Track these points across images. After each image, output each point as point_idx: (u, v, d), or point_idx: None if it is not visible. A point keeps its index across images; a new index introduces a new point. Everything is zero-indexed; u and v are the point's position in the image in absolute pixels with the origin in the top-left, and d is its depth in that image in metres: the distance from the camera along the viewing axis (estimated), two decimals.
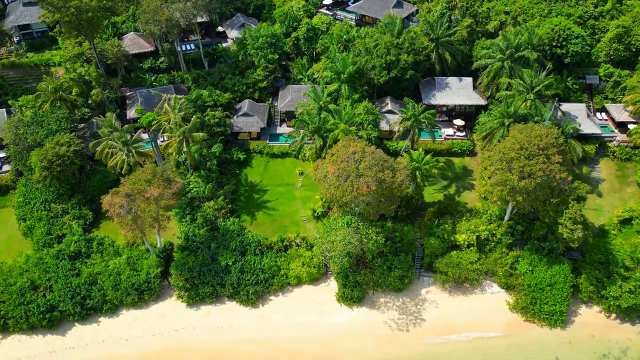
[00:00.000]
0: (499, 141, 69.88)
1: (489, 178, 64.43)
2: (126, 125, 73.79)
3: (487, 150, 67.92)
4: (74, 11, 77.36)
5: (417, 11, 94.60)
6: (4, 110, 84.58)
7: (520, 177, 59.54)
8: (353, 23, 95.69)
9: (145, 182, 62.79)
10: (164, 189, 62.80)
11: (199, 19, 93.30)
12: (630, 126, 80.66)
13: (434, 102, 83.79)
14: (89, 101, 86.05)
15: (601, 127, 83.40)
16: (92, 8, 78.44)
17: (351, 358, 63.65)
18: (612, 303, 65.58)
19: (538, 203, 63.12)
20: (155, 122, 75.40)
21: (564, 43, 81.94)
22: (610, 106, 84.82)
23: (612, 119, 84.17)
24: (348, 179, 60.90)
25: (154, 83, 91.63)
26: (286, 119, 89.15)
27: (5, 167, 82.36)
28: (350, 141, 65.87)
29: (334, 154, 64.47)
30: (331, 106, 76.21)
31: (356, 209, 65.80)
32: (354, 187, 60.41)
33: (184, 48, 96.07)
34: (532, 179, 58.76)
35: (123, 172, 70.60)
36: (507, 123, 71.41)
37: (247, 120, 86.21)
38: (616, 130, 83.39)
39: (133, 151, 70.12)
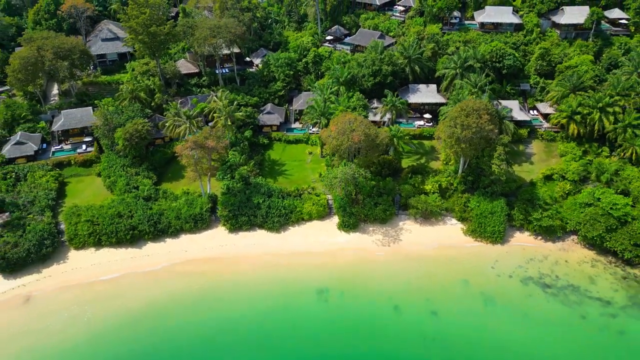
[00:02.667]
0: None
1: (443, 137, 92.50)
2: (186, 109, 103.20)
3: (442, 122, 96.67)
4: (150, 36, 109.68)
5: (395, 42, 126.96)
6: (90, 107, 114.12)
7: (462, 129, 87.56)
8: (348, 51, 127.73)
9: (204, 138, 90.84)
10: (217, 143, 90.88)
11: (235, 50, 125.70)
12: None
13: (409, 101, 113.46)
14: (152, 104, 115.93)
15: (533, 119, 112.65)
16: (163, 33, 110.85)
17: (347, 261, 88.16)
18: (535, 224, 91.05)
19: (477, 151, 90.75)
20: (206, 109, 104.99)
21: (501, 59, 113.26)
22: (539, 104, 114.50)
23: (541, 113, 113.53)
24: (345, 134, 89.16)
25: (198, 93, 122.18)
26: (299, 117, 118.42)
27: (89, 149, 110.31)
28: (347, 113, 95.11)
29: (335, 121, 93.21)
30: (332, 97, 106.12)
31: (354, 161, 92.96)
32: (349, 138, 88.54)
33: (222, 71, 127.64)
34: (469, 130, 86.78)
35: (184, 136, 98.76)
36: None
37: (270, 116, 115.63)
38: (543, 121, 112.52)
39: (194, 122, 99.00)
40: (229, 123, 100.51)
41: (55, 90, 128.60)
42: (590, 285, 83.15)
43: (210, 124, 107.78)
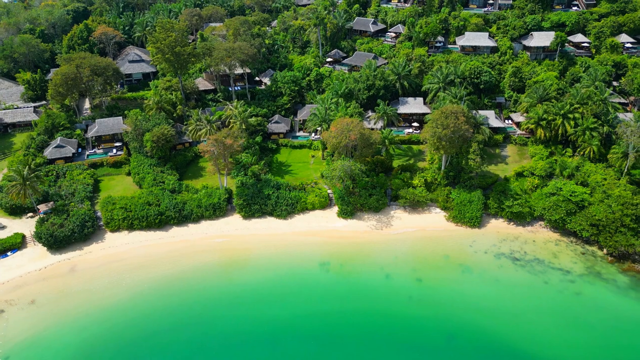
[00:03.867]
0: None
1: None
2: (206, 114, 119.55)
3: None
4: (175, 55, 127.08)
5: (387, 62, 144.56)
6: (120, 117, 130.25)
7: (442, 128, 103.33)
8: (346, 71, 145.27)
9: (223, 137, 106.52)
10: (234, 141, 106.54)
11: (247, 70, 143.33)
12: None
13: (399, 111, 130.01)
14: (174, 114, 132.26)
15: (508, 127, 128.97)
16: (186, 53, 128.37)
17: (344, 242, 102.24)
18: (507, 211, 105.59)
19: (456, 147, 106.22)
20: (224, 116, 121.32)
21: (478, 75, 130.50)
22: (512, 115, 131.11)
23: (514, 122, 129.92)
24: (343, 133, 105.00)
25: (214, 106, 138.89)
26: (303, 126, 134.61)
27: (118, 152, 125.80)
28: (345, 118, 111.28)
29: (335, 124, 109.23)
30: (332, 107, 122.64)
31: (349, 160, 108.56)
32: (347, 137, 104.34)
33: (234, 88, 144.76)
34: (448, 129, 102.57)
35: (205, 139, 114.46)
36: None
37: (277, 125, 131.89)
38: (517, 128, 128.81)
39: (214, 126, 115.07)
40: (243, 127, 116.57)
41: (86, 105, 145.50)
42: (554, 258, 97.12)
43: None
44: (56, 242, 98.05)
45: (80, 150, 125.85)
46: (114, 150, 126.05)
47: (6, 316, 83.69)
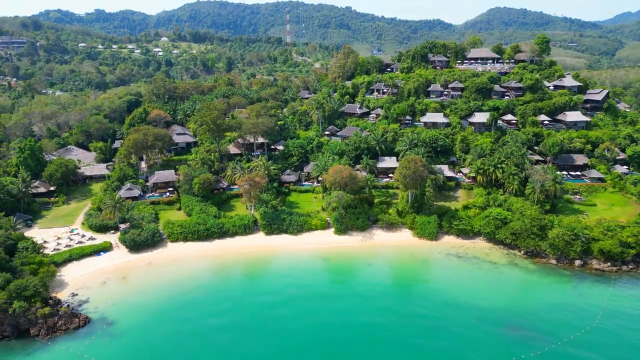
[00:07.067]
0: None
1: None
2: (239, 164, 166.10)
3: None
4: (216, 126, 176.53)
5: (370, 134, 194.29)
6: (172, 170, 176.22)
7: (405, 170, 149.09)
8: (339, 140, 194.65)
9: (253, 176, 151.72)
10: (261, 179, 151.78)
11: (266, 141, 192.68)
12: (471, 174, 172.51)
13: (379, 166, 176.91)
14: (212, 169, 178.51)
15: (459, 178, 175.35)
16: (225, 125, 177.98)
17: (339, 248, 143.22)
18: (455, 228, 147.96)
19: (417, 183, 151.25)
20: (252, 166, 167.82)
21: (436, 141, 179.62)
22: (462, 169, 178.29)
23: (464, 174, 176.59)
24: (337, 173, 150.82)
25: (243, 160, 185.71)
26: (308, 178, 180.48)
27: (171, 195, 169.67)
28: (338, 165, 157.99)
29: (332, 168, 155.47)
30: (329, 160, 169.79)
31: (343, 192, 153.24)
32: (340, 176, 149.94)
33: (256, 153, 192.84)
34: (409, 170, 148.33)
35: (240, 181, 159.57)
36: None
37: (289, 176, 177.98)
38: (465, 178, 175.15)
39: (245, 171, 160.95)
40: (266, 172, 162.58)
41: (142, 165, 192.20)
42: (486, 256, 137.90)
43: None
44: (135, 245, 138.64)
45: (142, 193, 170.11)
46: (167, 194, 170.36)
47: (108, 284, 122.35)
